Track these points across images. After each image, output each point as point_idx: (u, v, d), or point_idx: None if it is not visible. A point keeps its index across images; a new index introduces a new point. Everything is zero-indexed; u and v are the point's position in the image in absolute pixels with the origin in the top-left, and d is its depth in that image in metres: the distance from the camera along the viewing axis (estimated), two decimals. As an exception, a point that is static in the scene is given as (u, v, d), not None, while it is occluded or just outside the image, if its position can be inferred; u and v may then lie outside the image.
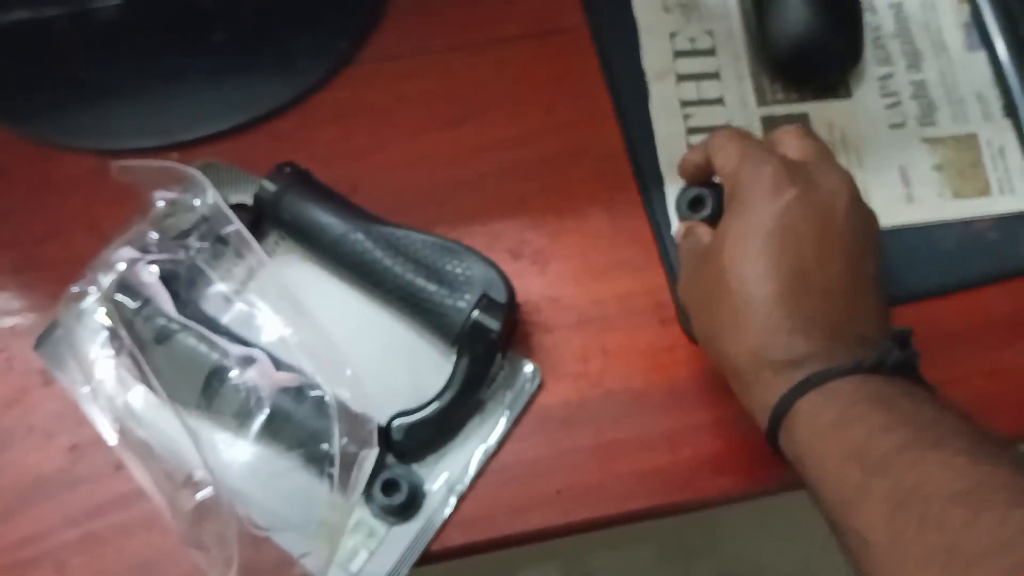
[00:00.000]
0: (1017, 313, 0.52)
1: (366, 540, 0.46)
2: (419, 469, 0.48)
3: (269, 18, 0.57)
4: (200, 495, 0.44)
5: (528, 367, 0.50)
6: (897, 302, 0.52)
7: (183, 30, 0.57)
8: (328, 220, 0.49)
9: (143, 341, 0.46)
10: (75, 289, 0.48)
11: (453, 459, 0.48)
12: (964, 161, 0.55)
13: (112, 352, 0.47)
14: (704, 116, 0.55)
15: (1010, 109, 0.56)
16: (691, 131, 0.55)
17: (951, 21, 0.58)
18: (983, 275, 0.53)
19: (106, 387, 0.47)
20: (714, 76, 0.56)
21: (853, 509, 0.36)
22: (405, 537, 0.47)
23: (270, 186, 0.50)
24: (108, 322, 0.47)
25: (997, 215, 0.54)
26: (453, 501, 0.47)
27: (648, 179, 0.54)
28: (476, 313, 0.47)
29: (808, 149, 0.45)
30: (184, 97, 0.56)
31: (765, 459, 0.49)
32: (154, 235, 0.48)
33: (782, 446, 0.41)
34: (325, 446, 0.44)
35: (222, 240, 0.48)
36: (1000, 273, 0.53)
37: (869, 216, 0.44)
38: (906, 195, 0.54)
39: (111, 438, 0.47)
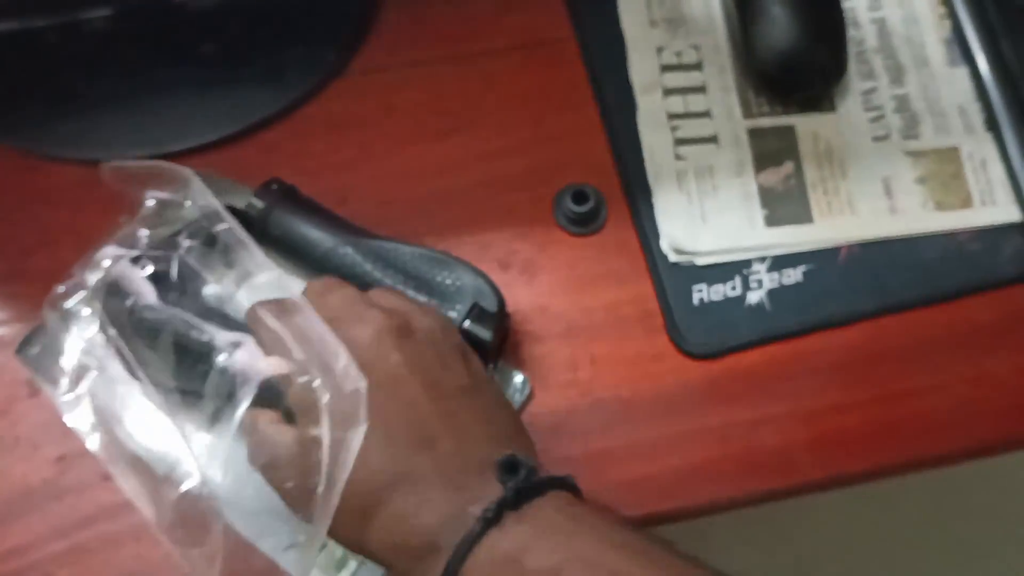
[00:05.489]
0: (999, 322, 0.53)
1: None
2: None
3: (258, 30, 0.57)
4: (184, 486, 0.43)
5: (518, 378, 0.50)
6: (880, 313, 0.53)
7: (172, 42, 0.57)
8: (317, 235, 0.49)
9: (131, 338, 0.45)
10: (60, 289, 0.47)
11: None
12: (946, 173, 0.56)
13: (99, 350, 0.46)
14: (691, 128, 0.56)
15: (991, 123, 0.57)
16: (678, 142, 0.55)
17: (933, 36, 0.59)
18: (966, 285, 0.53)
19: (91, 386, 0.46)
20: (700, 89, 0.57)
21: None
22: None
23: (258, 203, 0.50)
24: (95, 320, 0.46)
25: (979, 227, 0.55)
26: None
27: (635, 190, 0.54)
28: (468, 323, 0.47)
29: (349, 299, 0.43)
30: (173, 108, 0.56)
31: (752, 468, 0.49)
32: (144, 233, 0.48)
33: None
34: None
35: (213, 239, 0.48)
36: (982, 283, 0.53)
37: (441, 326, 0.43)
38: (890, 207, 0.55)
39: (92, 440, 0.46)
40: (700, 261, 0.53)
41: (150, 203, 0.48)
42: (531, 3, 0.58)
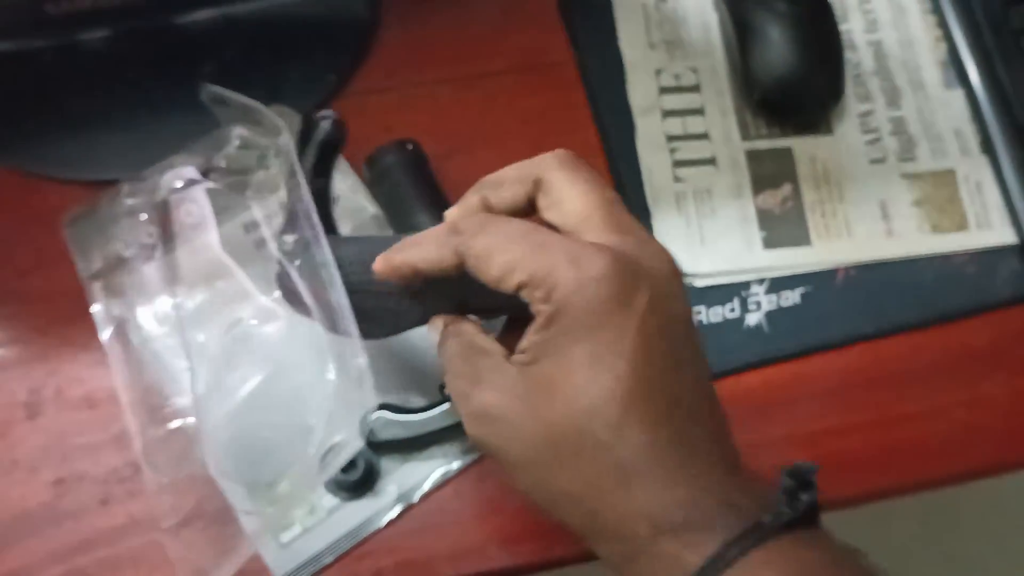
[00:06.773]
0: (995, 345, 0.53)
1: (304, 516, 0.47)
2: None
3: (257, 50, 0.57)
4: (173, 424, 0.43)
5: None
6: (878, 335, 0.53)
7: (171, 62, 0.57)
8: (422, 219, 0.50)
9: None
10: (126, 187, 0.48)
11: (412, 470, 0.48)
12: (942, 196, 0.56)
13: (141, 255, 0.47)
14: (689, 150, 0.56)
15: (987, 145, 0.57)
16: (677, 164, 0.56)
17: (929, 59, 0.59)
18: (962, 308, 0.54)
19: (123, 283, 0.47)
20: (699, 112, 0.57)
21: None
22: (342, 525, 0.47)
23: (388, 154, 0.52)
24: (149, 227, 0.47)
25: (975, 249, 0.55)
26: (399, 508, 0.47)
27: (634, 212, 0.54)
28: None
29: (599, 200, 0.36)
30: (172, 129, 0.55)
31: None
32: (221, 164, 0.48)
33: None
34: (314, 421, 0.42)
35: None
36: (978, 306, 0.54)
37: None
38: (886, 229, 0.55)
39: (105, 332, 0.47)
40: (699, 283, 0.53)
41: (236, 141, 0.49)
42: (530, 25, 0.59)
